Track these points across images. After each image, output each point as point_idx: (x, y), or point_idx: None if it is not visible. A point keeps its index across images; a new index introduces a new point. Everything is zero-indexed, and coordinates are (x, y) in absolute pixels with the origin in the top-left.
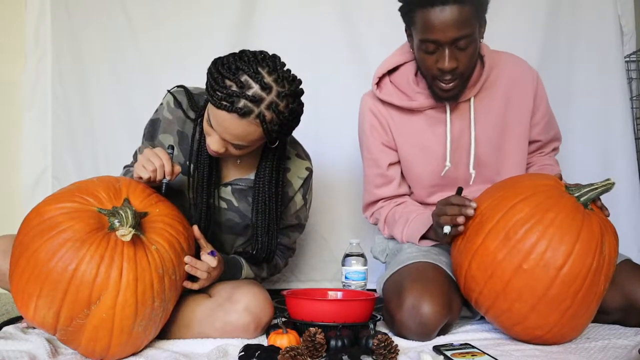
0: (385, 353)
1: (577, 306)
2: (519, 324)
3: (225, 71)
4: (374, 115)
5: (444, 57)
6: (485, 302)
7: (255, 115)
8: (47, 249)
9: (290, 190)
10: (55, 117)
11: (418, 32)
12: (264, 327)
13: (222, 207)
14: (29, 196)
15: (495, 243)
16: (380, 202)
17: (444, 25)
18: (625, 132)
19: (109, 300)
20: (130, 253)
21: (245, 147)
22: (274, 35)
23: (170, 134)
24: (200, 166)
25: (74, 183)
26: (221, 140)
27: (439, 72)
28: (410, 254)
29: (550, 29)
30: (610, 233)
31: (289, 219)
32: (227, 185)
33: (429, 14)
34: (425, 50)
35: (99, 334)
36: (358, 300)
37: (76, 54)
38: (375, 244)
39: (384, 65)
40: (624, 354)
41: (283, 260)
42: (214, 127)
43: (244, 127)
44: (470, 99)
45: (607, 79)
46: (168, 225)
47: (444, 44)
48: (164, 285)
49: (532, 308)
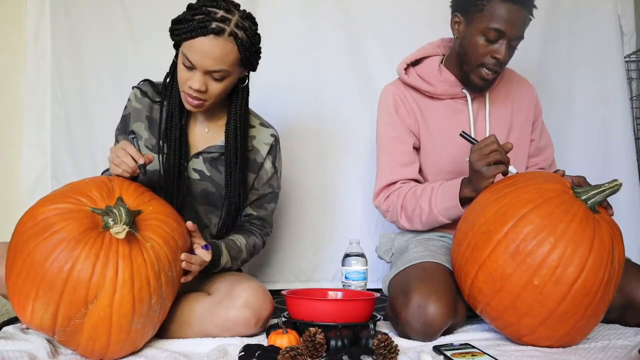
0: (385, 353)
1: (587, 318)
2: (527, 336)
3: (192, 10)
4: (400, 99)
5: (502, 49)
6: (492, 313)
7: (229, 33)
8: (42, 250)
9: (259, 157)
10: (54, 117)
11: (486, 19)
12: (265, 321)
13: (195, 178)
14: (29, 196)
15: (504, 256)
16: (399, 183)
17: (514, 21)
18: (625, 132)
19: (106, 298)
20: (125, 251)
21: (224, 77)
22: (273, 36)
23: (141, 121)
24: (171, 141)
25: (67, 184)
26: (202, 76)
27: (491, 60)
28: (417, 253)
29: (550, 29)
30: (618, 238)
31: (262, 188)
32: (198, 156)
33: (506, 7)
34: (487, 37)
35: (97, 333)
36: (358, 300)
37: (76, 54)
38: (380, 244)
39: (411, 56)
40: (624, 354)
41: (260, 239)
42: (193, 60)
43: (221, 47)
44: (486, 95)
45: (607, 79)
46: (162, 222)
47: (506, 36)
48: (160, 282)
49: (542, 322)
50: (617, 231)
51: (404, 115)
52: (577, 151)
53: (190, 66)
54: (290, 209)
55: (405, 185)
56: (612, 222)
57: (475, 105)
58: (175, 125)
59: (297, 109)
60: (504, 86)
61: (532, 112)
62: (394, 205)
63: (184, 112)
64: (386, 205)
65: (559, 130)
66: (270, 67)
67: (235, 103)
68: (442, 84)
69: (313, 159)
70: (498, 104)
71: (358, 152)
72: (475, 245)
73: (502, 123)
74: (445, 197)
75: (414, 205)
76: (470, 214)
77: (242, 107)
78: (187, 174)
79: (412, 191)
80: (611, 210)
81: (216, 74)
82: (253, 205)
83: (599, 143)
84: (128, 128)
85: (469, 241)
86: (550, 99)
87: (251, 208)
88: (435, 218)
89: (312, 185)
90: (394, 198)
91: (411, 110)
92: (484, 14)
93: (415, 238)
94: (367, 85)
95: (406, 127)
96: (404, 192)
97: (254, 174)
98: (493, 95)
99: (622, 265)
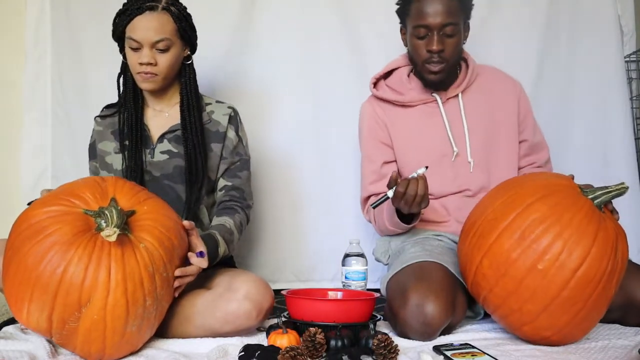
0: (385, 353)
1: (588, 309)
2: (528, 324)
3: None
4: (371, 116)
5: (432, 41)
6: (494, 300)
7: (162, 7)
8: (35, 253)
9: (220, 127)
10: (55, 117)
11: (412, 20)
12: (265, 313)
13: (165, 158)
14: (29, 196)
15: (510, 242)
16: (372, 198)
17: (434, 12)
18: (625, 132)
19: (99, 301)
20: (117, 253)
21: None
22: (273, 37)
23: (106, 139)
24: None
25: (61, 186)
26: (149, 50)
27: (428, 54)
28: (414, 253)
29: (550, 29)
30: (622, 237)
31: (231, 156)
32: (162, 139)
33: (423, 3)
34: (417, 35)
35: (92, 336)
36: (358, 300)
37: (76, 54)
38: (377, 246)
39: (380, 71)
40: (624, 354)
41: (243, 213)
42: (137, 38)
43: (157, 19)
44: (459, 95)
45: (607, 79)
46: (157, 222)
47: (433, 28)
48: (155, 284)
49: (544, 309)
50: (621, 232)
51: (377, 131)
52: (577, 151)
53: (137, 46)
54: (290, 209)
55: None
56: (617, 223)
57: (449, 106)
58: (131, 115)
59: (297, 109)
60: (481, 85)
61: (516, 108)
62: (371, 218)
63: (139, 103)
64: (368, 217)
65: (559, 130)
66: (271, 67)
67: (184, 80)
68: (411, 91)
69: (313, 159)
70: (474, 102)
71: (358, 151)
72: (482, 233)
73: (481, 122)
74: (390, 217)
75: (378, 219)
76: (478, 207)
77: (191, 81)
78: (152, 159)
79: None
80: (617, 215)
81: (160, 44)
82: (225, 175)
83: (599, 143)
84: (95, 153)
85: (476, 229)
86: (550, 99)
87: (225, 179)
88: (394, 230)
89: (312, 185)
90: (370, 211)
91: (383, 124)
92: (410, 16)
93: (412, 238)
94: (367, 86)
95: (378, 142)
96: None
97: (219, 143)
98: (468, 95)
99: (625, 264)
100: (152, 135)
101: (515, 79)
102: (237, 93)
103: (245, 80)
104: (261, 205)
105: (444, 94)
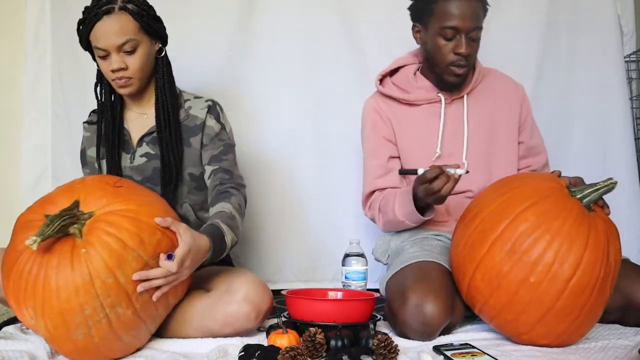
0: (385, 353)
1: (584, 316)
2: (525, 334)
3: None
4: (376, 112)
5: (462, 44)
6: (490, 312)
7: (118, 8)
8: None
9: (198, 121)
10: (55, 117)
11: (438, 20)
12: (264, 315)
13: (144, 161)
14: (29, 196)
15: (500, 255)
16: (377, 193)
17: (465, 15)
18: (625, 132)
19: (39, 310)
20: (52, 262)
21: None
22: (272, 37)
23: (93, 146)
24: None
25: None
26: (117, 55)
27: (456, 57)
28: (413, 253)
29: (550, 29)
30: (614, 236)
31: (212, 143)
32: (141, 143)
33: (453, 4)
34: (444, 36)
35: (52, 342)
36: (358, 300)
37: (76, 54)
38: (376, 246)
39: (387, 68)
40: (624, 354)
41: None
42: (102, 45)
43: (116, 21)
44: (464, 96)
45: (607, 79)
46: (109, 223)
47: (462, 31)
48: (94, 291)
49: (539, 320)
50: (612, 229)
51: (381, 127)
52: (577, 151)
53: (104, 54)
54: (290, 209)
55: (381, 193)
56: (607, 220)
57: (453, 107)
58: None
59: (297, 109)
60: (485, 87)
61: (518, 111)
62: (375, 212)
63: (117, 109)
64: (370, 214)
65: (559, 130)
66: (271, 67)
67: (159, 75)
68: (417, 90)
69: (313, 159)
70: (479, 104)
71: (358, 152)
72: (472, 245)
73: (483, 124)
74: (403, 205)
75: (385, 210)
76: (468, 213)
77: (166, 75)
78: (133, 163)
79: (385, 197)
80: (607, 210)
81: (126, 45)
82: (212, 161)
83: (599, 143)
84: (86, 160)
85: (466, 240)
86: (550, 99)
87: (211, 165)
88: (401, 222)
89: (312, 185)
90: (374, 205)
91: (388, 120)
92: (435, 16)
93: (411, 238)
94: (367, 85)
95: (382, 138)
96: (379, 199)
97: (197, 135)
98: (473, 96)
99: (619, 263)
100: (132, 139)
101: (518, 82)
102: (237, 93)
103: (245, 80)
104: (261, 205)
105: (449, 95)
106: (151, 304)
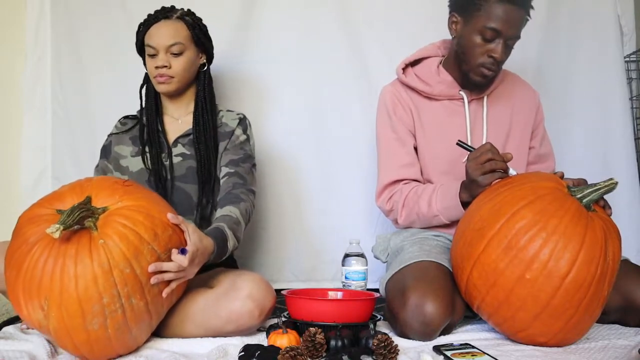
0: (385, 353)
1: (581, 314)
2: (522, 332)
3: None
4: (397, 100)
5: (499, 48)
6: (487, 309)
7: (177, 16)
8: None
9: (228, 128)
10: (55, 117)
11: (483, 19)
12: (267, 313)
13: (179, 160)
14: (29, 196)
15: (497, 252)
16: (401, 184)
17: (511, 21)
18: (625, 132)
19: (55, 300)
20: (71, 251)
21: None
22: (273, 36)
23: (123, 144)
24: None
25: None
26: (164, 55)
27: (488, 59)
28: (412, 253)
29: (550, 29)
30: (613, 235)
31: (234, 150)
32: (176, 143)
33: (503, 7)
34: (484, 36)
35: (60, 334)
36: (358, 300)
37: (76, 54)
38: (376, 244)
39: (411, 57)
40: (624, 354)
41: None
42: (153, 43)
43: (172, 25)
44: (484, 97)
45: (607, 79)
46: (125, 217)
47: (503, 36)
48: (112, 280)
49: (536, 317)
50: (612, 228)
51: (402, 116)
52: (577, 151)
53: (154, 52)
54: (290, 209)
55: (408, 185)
56: (607, 219)
57: (473, 107)
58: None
59: (297, 108)
60: (504, 90)
61: (533, 117)
62: (396, 204)
63: (158, 111)
64: (389, 205)
65: (559, 130)
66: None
67: (200, 87)
68: (439, 84)
69: (313, 159)
70: (497, 107)
71: (358, 152)
72: (470, 242)
73: (500, 126)
74: (445, 197)
75: (414, 203)
76: (467, 213)
77: (207, 88)
78: (169, 162)
79: (414, 190)
80: (609, 210)
81: (174, 47)
82: (229, 164)
83: (599, 143)
84: (109, 155)
85: (465, 238)
86: (550, 99)
87: (227, 167)
88: (434, 216)
89: (312, 185)
90: (396, 197)
91: (409, 110)
92: (481, 13)
93: (410, 238)
94: (368, 85)
95: (405, 127)
96: (406, 191)
97: (224, 141)
98: (492, 98)
99: (618, 263)
100: (168, 140)
101: (534, 88)
102: (238, 93)
103: (245, 80)
104: (261, 205)
105: (470, 94)
106: (160, 298)
